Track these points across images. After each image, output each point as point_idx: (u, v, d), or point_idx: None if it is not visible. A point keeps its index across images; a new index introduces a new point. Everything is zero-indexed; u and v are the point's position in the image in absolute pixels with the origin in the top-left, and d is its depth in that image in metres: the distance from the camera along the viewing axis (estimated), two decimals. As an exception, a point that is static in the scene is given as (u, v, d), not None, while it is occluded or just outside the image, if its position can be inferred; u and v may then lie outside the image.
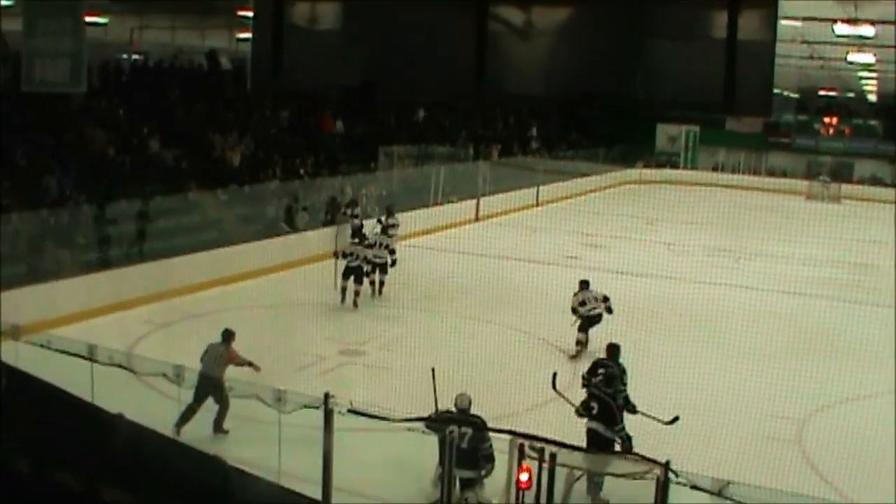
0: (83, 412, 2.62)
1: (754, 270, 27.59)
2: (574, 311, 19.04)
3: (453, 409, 11.21)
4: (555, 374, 12.80)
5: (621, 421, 12.35)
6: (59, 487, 2.33)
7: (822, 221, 29.61)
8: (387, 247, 23.00)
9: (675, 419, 12.96)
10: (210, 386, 13.55)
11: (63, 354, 11.22)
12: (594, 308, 18.96)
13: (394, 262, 22.94)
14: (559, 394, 12.49)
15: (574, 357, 18.24)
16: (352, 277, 21.79)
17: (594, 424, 12.20)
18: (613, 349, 13.82)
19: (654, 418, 12.99)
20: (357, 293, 21.80)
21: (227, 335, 14.27)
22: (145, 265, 21.31)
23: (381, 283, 22.84)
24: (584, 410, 12.32)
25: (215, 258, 23.28)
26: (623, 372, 13.48)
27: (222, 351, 14.04)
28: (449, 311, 21.51)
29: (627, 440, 12.57)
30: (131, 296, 20.02)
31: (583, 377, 13.20)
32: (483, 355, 17.84)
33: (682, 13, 6.58)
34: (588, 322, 18.93)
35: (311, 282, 22.66)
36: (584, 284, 19.43)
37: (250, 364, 14.19)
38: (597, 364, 13.57)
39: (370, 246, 22.69)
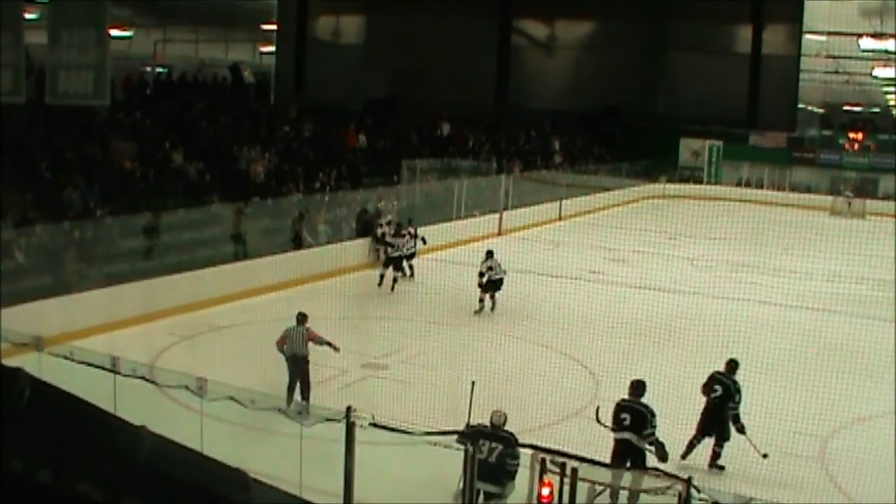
0: (106, 424, 2.62)
1: (777, 286, 27.43)
2: (481, 275, 22.56)
3: (487, 425, 11.18)
4: (598, 408, 12.81)
5: (651, 427, 12.31)
6: (81, 499, 2.33)
7: (846, 237, 29.32)
8: (414, 235, 26.85)
9: (766, 455, 13.71)
10: (299, 365, 14.79)
11: (86, 366, 11.24)
12: (497, 273, 22.50)
13: (424, 241, 27.13)
14: (604, 425, 12.49)
15: (477, 312, 22.39)
16: (391, 266, 25.50)
17: (627, 435, 12.18)
18: (732, 365, 14.27)
19: (754, 447, 13.79)
20: (395, 279, 25.42)
21: (302, 317, 15.35)
22: (168, 278, 21.30)
23: (412, 268, 26.75)
24: (615, 426, 12.32)
25: (238, 271, 23.36)
26: (737, 390, 13.95)
27: (303, 331, 15.06)
28: (471, 325, 21.48)
29: (661, 446, 12.61)
30: (154, 308, 20.07)
31: (703, 387, 14.04)
32: (505, 370, 17.78)
33: (706, 27, 6.57)
34: (492, 285, 22.43)
35: (333, 295, 22.69)
36: (490, 254, 23.02)
37: (329, 344, 15.25)
38: (713, 379, 14.11)
39: (403, 235, 26.38)
